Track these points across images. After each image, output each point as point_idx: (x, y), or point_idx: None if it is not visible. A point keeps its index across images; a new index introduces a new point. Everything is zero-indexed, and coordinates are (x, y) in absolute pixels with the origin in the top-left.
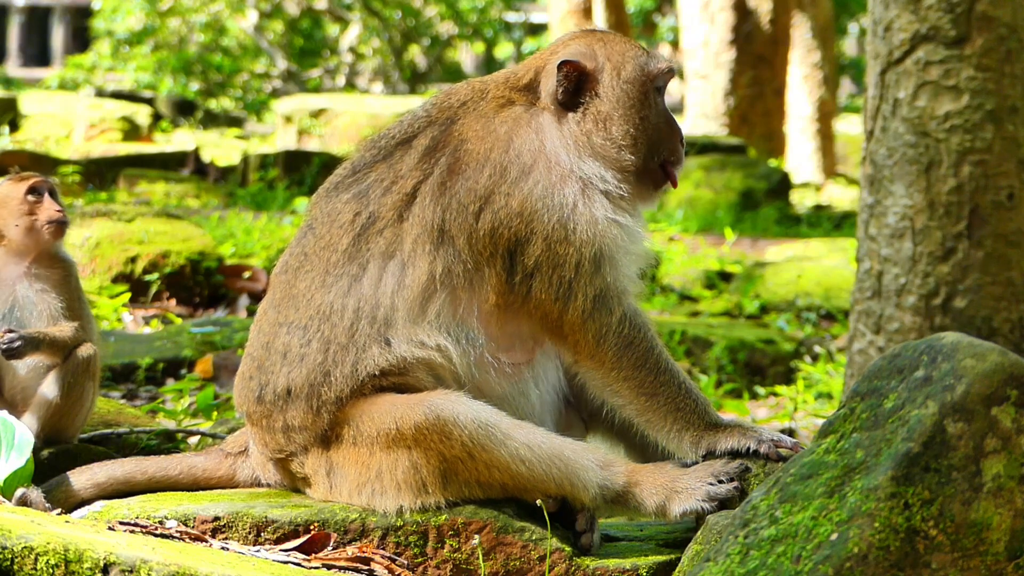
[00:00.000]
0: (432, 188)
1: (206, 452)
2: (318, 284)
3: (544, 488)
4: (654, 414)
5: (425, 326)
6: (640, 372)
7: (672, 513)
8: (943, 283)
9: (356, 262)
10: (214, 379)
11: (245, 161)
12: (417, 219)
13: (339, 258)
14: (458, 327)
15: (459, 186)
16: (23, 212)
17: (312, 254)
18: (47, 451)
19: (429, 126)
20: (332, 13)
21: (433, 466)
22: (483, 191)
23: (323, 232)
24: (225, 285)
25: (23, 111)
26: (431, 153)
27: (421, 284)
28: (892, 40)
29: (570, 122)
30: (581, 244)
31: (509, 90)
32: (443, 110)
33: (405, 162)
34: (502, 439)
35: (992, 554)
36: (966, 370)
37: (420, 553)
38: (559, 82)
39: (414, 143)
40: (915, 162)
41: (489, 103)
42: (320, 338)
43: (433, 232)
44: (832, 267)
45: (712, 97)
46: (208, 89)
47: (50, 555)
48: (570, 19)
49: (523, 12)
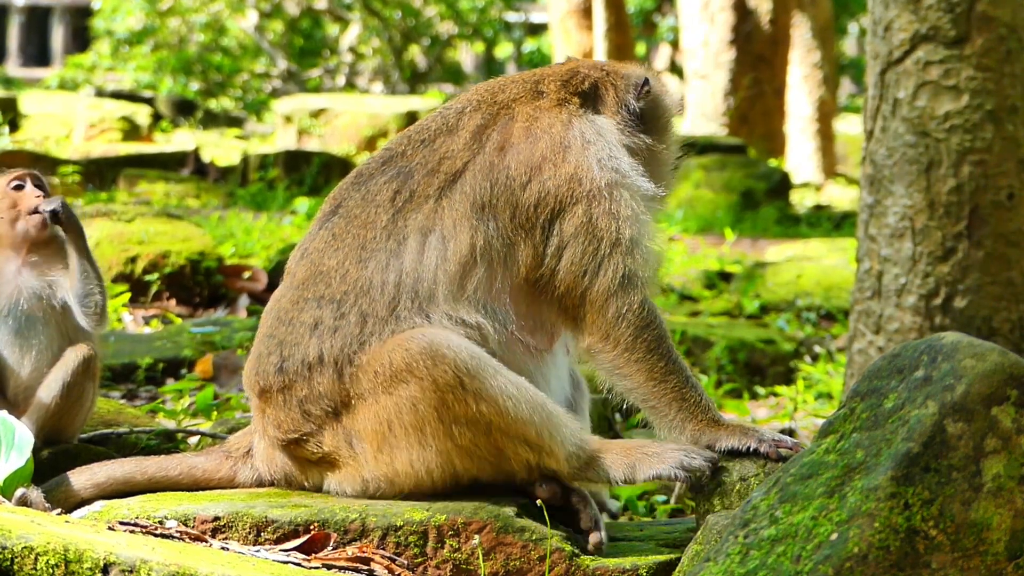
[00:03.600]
0: (482, 164)
1: (206, 452)
2: (353, 260)
3: (525, 434)
4: (660, 400)
5: (464, 303)
6: (652, 356)
7: (640, 476)
8: (943, 283)
9: (395, 238)
10: (214, 379)
11: (245, 161)
12: (463, 194)
13: (377, 234)
14: (492, 303)
15: (510, 159)
16: (7, 206)
17: (342, 234)
18: (47, 451)
19: (477, 113)
20: (332, 13)
21: (428, 399)
22: (536, 161)
23: (357, 213)
24: (225, 285)
25: (23, 111)
26: (481, 132)
27: (461, 258)
28: (892, 40)
29: (628, 134)
30: (622, 221)
31: (568, 93)
32: (493, 103)
33: (452, 145)
34: (492, 372)
35: (992, 554)
36: (966, 370)
37: (420, 553)
38: (637, 97)
39: (461, 128)
40: (915, 162)
41: (546, 100)
42: (357, 311)
43: (477, 205)
44: (832, 267)
45: (712, 97)
46: (208, 89)
47: (50, 555)
48: (570, 19)
49: (523, 12)
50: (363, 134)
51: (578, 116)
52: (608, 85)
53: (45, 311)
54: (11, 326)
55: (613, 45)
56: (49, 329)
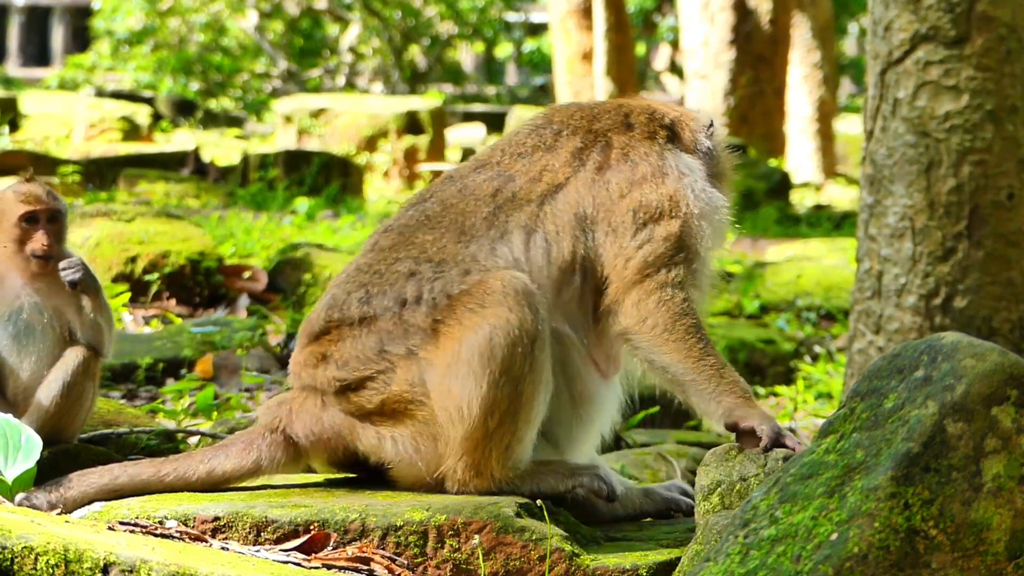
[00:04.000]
0: (583, 179)
1: (224, 448)
2: (451, 239)
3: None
4: (699, 375)
5: (557, 310)
6: (690, 338)
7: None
8: (943, 283)
9: (497, 229)
10: (214, 379)
11: (245, 161)
12: (567, 204)
13: (478, 223)
14: (577, 317)
15: (610, 177)
16: (13, 237)
17: (438, 217)
18: (47, 451)
19: (576, 136)
20: (332, 13)
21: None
22: (637, 179)
23: (454, 202)
24: (225, 285)
25: (23, 111)
26: (581, 153)
27: (563, 264)
28: (892, 40)
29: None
30: (702, 245)
31: (656, 127)
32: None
33: (552, 160)
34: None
35: (992, 554)
36: (966, 370)
37: (420, 553)
38: (707, 136)
39: (560, 147)
40: (915, 162)
41: (637, 132)
42: (460, 270)
43: (580, 216)
44: (832, 267)
45: (712, 97)
46: (208, 89)
47: (50, 555)
48: (570, 19)
49: (523, 12)
50: (363, 134)
51: (668, 149)
52: (684, 124)
53: (45, 323)
54: (11, 331)
55: (613, 45)
56: (50, 332)
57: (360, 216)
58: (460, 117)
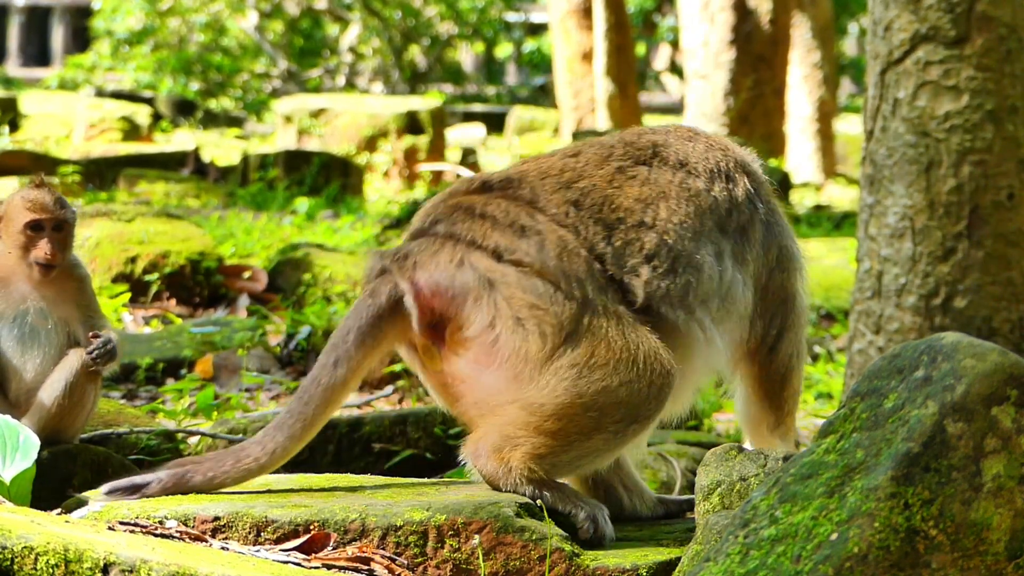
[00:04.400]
0: (759, 226)
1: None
2: (685, 226)
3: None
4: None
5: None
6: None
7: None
8: (943, 283)
9: (714, 246)
10: (214, 379)
11: (245, 161)
12: (753, 250)
13: (705, 231)
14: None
15: (772, 240)
16: (18, 243)
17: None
18: (47, 451)
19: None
20: (332, 13)
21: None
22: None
23: (674, 194)
24: (225, 285)
25: (23, 111)
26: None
27: (745, 309)
28: (892, 40)
29: None
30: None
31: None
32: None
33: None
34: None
35: (992, 554)
36: (966, 370)
37: (420, 553)
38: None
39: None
40: (915, 162)
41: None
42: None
43: (759, 268)
44: (832, 267)
45: (712, 97)
46: (208, 89)
47: (50, 555)
48: (570, 19)
49: (523, 12)
50: (363, 134)
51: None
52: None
53: (50, 328)
54: (16, 333)
55: (613, 45)
56: (54, 336)
57: (360, 216)
58: (460, 117)
